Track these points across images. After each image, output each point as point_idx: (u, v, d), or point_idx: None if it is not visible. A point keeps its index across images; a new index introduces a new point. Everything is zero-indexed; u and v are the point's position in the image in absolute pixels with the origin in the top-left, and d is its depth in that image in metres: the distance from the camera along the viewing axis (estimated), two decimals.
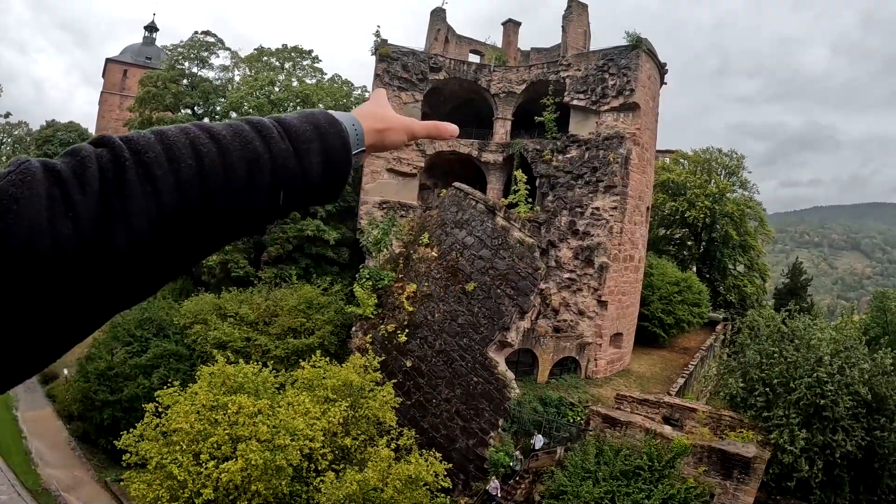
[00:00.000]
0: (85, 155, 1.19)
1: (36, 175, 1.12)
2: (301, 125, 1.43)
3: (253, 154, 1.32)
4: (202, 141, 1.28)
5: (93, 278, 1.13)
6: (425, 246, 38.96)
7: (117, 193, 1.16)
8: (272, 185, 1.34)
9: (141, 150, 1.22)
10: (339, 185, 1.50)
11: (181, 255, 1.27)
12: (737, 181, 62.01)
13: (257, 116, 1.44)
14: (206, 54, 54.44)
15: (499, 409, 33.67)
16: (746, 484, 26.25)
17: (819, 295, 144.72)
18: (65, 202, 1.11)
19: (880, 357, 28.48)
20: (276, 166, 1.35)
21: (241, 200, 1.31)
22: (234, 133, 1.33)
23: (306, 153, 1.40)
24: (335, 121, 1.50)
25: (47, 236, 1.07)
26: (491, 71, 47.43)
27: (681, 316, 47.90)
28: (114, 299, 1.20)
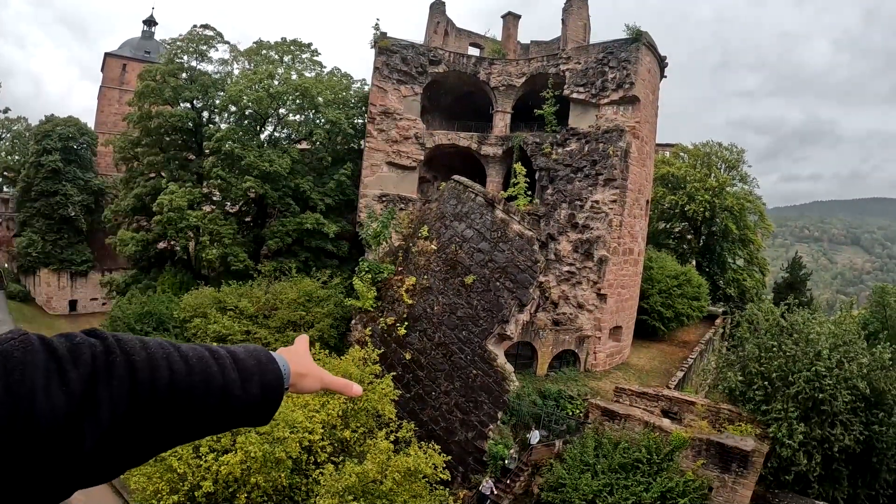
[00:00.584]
0: (80, 342, 1.38)
1: (35, 346, 1.29)
2: (247, 359, 1.69)
3: (210, 377, 1.56)
4: (174, 358, 1.51)
5: (73, 444, 1.27)
6: (424, 239, 38.96)
7: (105, 380, 1.35)
8: (220, 403, 1.57)
9: (128, 352, 1.43)
10: (272, 411, 1.74)
11: (144, 443, 1.46)
12: (736, 175, 61.99)
13: (216, 347, 1.69)
14: (205, 48, 54.22)
15: (498, 402, 33.74)
16: (745, 477, 26.34)
17: (818, 289, 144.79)
18: (60, 375, 1.27)
19: (879, 352, 28.52)
20: (227, 390, 1.59)
21: (195, 410, 1.52)
22: (199, 357, 1.57)
23: (250, 384, 1.65)
24: (273, 360, 1.78)
25: (45, 401, 1.22)
26: (490, 64, 47.34)
27: (680, 309, 47.94)
28: (85, 468, 1.34)
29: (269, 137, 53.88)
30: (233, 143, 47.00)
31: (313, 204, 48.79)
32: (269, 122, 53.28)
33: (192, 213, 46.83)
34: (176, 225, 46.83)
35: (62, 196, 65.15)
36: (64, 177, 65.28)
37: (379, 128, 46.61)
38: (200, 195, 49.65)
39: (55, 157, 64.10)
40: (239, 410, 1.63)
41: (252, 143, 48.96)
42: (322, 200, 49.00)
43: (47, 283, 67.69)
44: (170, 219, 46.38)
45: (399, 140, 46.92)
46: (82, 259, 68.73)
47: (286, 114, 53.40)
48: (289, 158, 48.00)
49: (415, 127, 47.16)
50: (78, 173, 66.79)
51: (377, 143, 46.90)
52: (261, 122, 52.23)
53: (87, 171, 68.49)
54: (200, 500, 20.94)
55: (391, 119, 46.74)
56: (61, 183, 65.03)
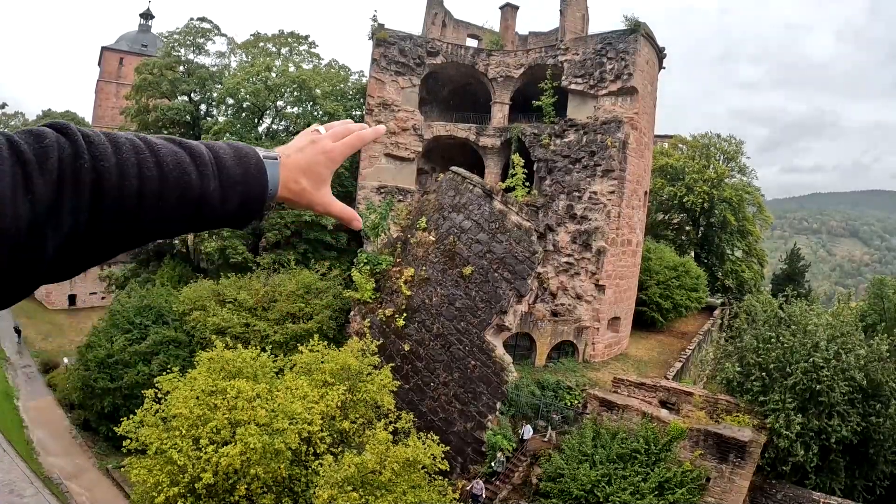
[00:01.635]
0: (48, 144, 1.29)
1: (3, 151, 1.22)
2: (233, 167, 1.56)
3: (186, 187, 1.45)
4: (148, 164, 1.40)
5: (34, 254, 1.24)
6: (423, 230, 38.96)
7: (71, 188, 1.29)
8: (193, 214, 1.49)
9: (98, 157, 1.34)
10: (248, 223, 1.65)
11: (105, 247, 1.40)
12: (735, 167, 61.94)
13: (200, 146, 1.55)
14: (202, 41, 54.15)
15: (496, 393, 33.81)
16: (742, 468, 26.45)
17: (817, 281, 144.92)
18: (25, 183, 1.21)
19: (876, 343, 28.61)
20: (202, 202, 1.48)
21: (164, 220, 1.45)
22: (176, 163, 1.45)
23: (230, 195, 1.54)
24: (263, 171, 1.62)
25: (9, 210, 1.17)
26: (489, 55, 47.26)
27: (678, 300, 48.00)
28: (43, 274, 1.31)
29: (267, 130, 53.86)
30: (231, 136, 46.96)
31: None
32: (267, 114, 53.22)
33: None
34: None
35: None
36: None
37: (377, 119, 46.54)
38: None
39: None
40: (211, 221, 1.55)
41: (250, 135, 48.98)
42: None
43: None
44: None
45: (397, 132, 46.87)
46: None
47: (284, 106, 53.32)
48: None
49: (413, 118, 47.11)
50: None
51: None
52: (259, 115, 52.18)
53: None
54: (200, 492, 21.01)
55: (389, 111, 46.67)
56: None
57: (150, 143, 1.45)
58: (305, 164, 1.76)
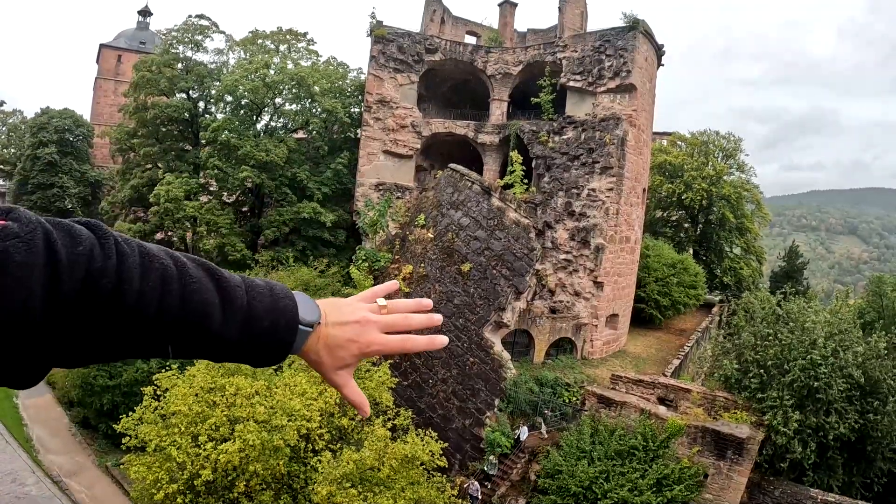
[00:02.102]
0: (82, 252, 1.29)
1: (39, 249, 1.22)
2: (261, 320, 1.52)
3: (204, 328, 1.44)
4: (171, 298, 1.39)
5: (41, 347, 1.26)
6: (421, 227, 39.00)
7: (89, 299, 1.29)
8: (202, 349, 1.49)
9: (123, 279, 1.33)
10: (261, 366, 1.63)
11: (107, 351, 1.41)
12: (734, 164, 61.94)
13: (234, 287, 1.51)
14: (201, 38, 54.02)
15: (495, 390, 33.86)
16: (740, 464, 26.52)
17: (815, 279, 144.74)
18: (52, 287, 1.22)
19: (874, 341, 28.69)
20: (216, 343, 1.48)
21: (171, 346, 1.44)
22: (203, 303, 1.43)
23: (249, 344, 1.52)
24: (293, 333, 1.57)
25: (34, 308, 1.19)
26: (487, 52, 47.23)
27: (677, 298, 48.01)
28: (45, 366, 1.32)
29: (265, 127, 53.79)
30: (229, 134, 46.94)
31: (310, 193, 48.70)
32: (266, 111, 53.15)
33: (188, 204, 46.81)
34: (173, 216, 46.82)
35: (59, 188, 65.00)
36: (60, 169, 65.10)
37: (375, 116, 46.54)
38: (197, 185, 49.58)
39: (51, 149, 63.95)
40: (219, 357, 1.54)
41: (248, 132, 48.90)
42: (319, 189, 48.91)
43: None
44: (167, 209, 46.36)
45: (396, 129, 46.86)
46: None
47: (282, 103, 53.26)
48: (285, 148, 47.94)
49: (411, 115, 47.10)
50: (74, 165, 66.60)
51: (374, 131, 46.84)
52: (257, 112, 52.12)
53: (83, 163, 68.31)
54: (200, 489, 21.05)
55: (388, 108, 46.67)
56: (58, 175, 64.86)
57: (184, 274, 1.44)
58: (334, 345, 1.68)
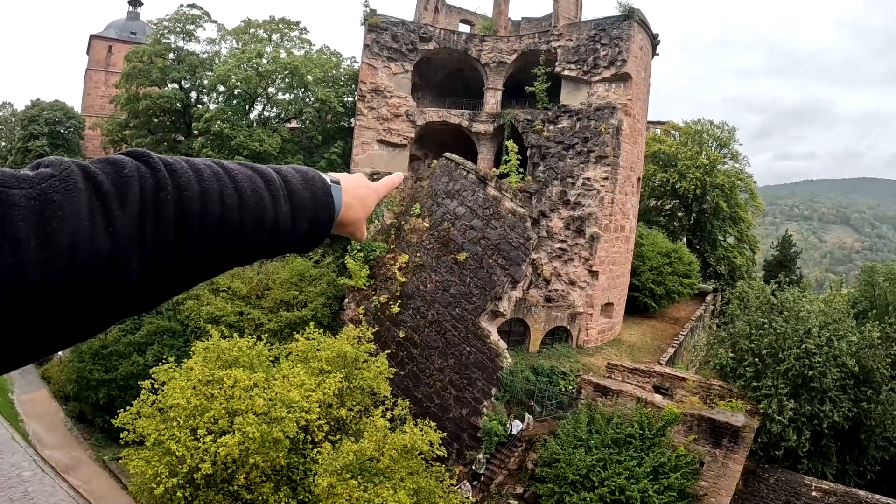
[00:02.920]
0: (128, 174, 1.23)
1: (78, 184, 1.15)
2: (302, 191, 1.58)
3: (262, 213, 1.45)
4: (229, 191, 1.39)
5: (115, 290, 1.18)
6: (417, 216, 38.96)
7: (153, 220, 1.23)
8: (267, 238, 1.48)
9: (181, 186, 1.30)
10: (313, 247, 1.68)
11: (187, 276, 1.37)
12: (728, 153, 62.02)
13: (270, 170, 1.55)
14: (192, 27, 53.62)
15: (491, 379, 33.96)
16: (735, 452, 26.71)
17: (808, 268, 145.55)
18: (105, 216, 1.15)
19: (868, 330, 28.91)
20: (275, 227, 1.49)
21: (242, 246, 1.44)
22: (253, 189, 1.45)
23: (300, 220, 1.56)
24: (329, 192, 1.66)
25: (88, 246, 1.11)
26: (481, 41, 47.06)
27: (671, 286, 48.16)
28: (127, 307, 1.27)
29: (258, 117, 53.50)
30: (222, 124, 46.65)
31: None
32: (259, 101, 52.86)
33: None
34: None
35: None
36: None
37: (369, 105, 46.37)
38: None
39: (42, 141, 63.37)
40: (282, 245, 1.55)
41: (241, 122, 48.63)
42: None
43: None
44: None
45: (389, 118, 46.69)
46: None
47: (275, 93, 52.98)
48: (279, 138, 47.74)
49: (405, 104, 46.94)
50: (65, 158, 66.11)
51: (367, 121, 46.66)
52: (250, 102, 51.84)
53: (74, 156, 67.64)
54: (199, 482, 21.07)
55: (381, 97, 46.49)
56: None
57: (227, 168, 1.45)
58: (361, 195, 1.85)
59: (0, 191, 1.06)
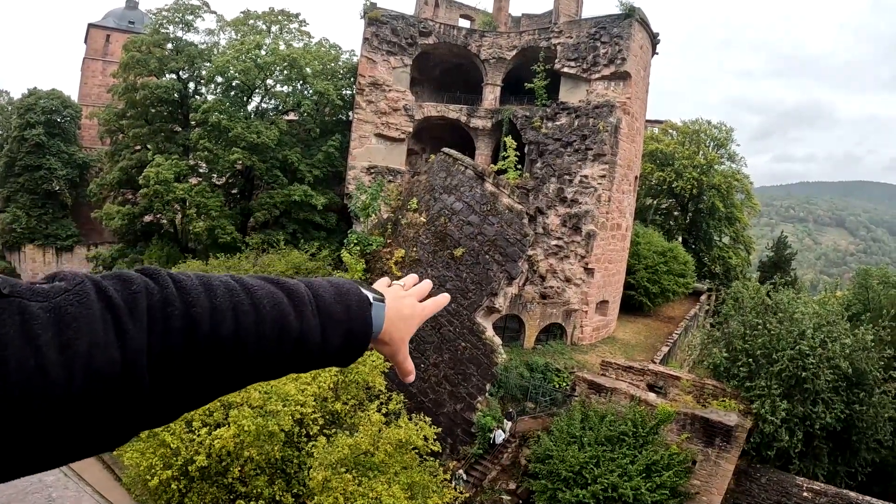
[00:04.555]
0: (136, 290, 1.28)
1: (92, 297, 1.20)
2: (333, 305, 1.55)
3: (284, 326, 1.44)
4: (243, 307, 1.39)
5: (128, 397, 1.21)
6: (413, 211, 38.93)
7: (161, 333, 1.27)
8: (293, 353, 1.47)
9: (190, 303, 1.33)
10: (352, 360, 1.62)
11: (206, 388, 1.38)
12: (725, 154, 62.20)
13: (298, 284, 1.55)
14: (191, 17, 53.27)
15: (486, 374, 34.02)
16: (728, 452, 26.81)
17: (802, 269, 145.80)
18: (116, 329, 1.20)
19: (861, 333, 29.04)
20: (303, 341, 1.47)
21: (264, 361, 1.43)
22: (273, 304, 1.44)
23: (332, 333, 1.53)
24: (367, 305, 1.62)
25: (103, 354, 1.16)
26: (481, 36, 47.00)
27: (666, 285, 48.31)
28: (141, 418, 1.28)
29: (256, 109, 53.33)
30: (219, 115, 46.44)
31: (301, 176, 48.43)
32: (257, 93, 52.63)
33: (178, 186, 46.38)
34: (162, 198, 46.40)
35: (46, 170, 64.23)
36: (48, 151, 64.25)
37: (367, 99, 46.29)
38: (187, 167, 49.14)
39: (38, 130, 63.04)
40: (314, 359, 1.53)
41: (239, 114, 48.45)
42: (310, 172, 48.64)
43: (33, 258, 66.85)
44: (156, 192, 45.92)
45: (388, 112, 46.63)
46: (68, 234, 67.90)
47: (274, 85, 52.75)
48: (276, 130, 47.58)
49: (404, 99, 46.88)
50: (62, 147, 65.73)
51: (366, 114, 46.60)
52: (248, 94, 51.65)
53: (71, 145, 67.46)
54: (194, 475, 21.06)
55: (380, 90, 46.42)
56: (45, 157, 64.01)
57: (245, 283, 1.46)
58: (405, 315, 1.78)
59: (20, 303, 1.11)
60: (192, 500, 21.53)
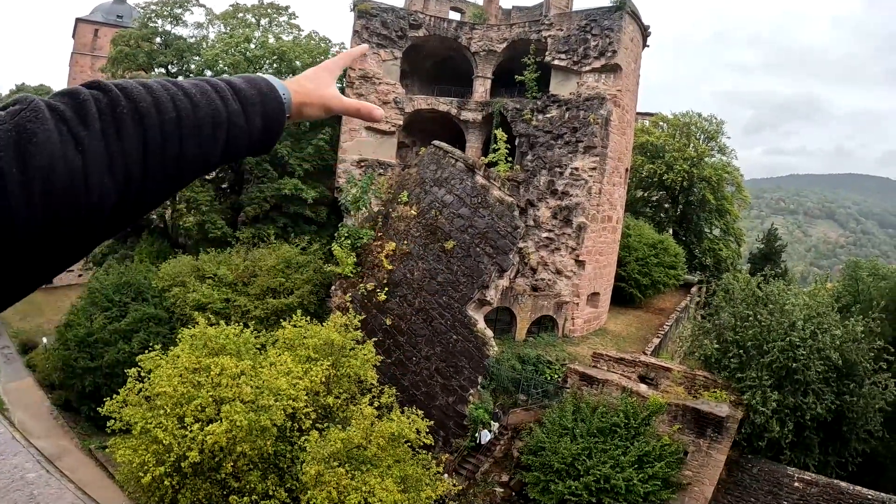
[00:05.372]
0: (84, 98, 1.35)
1: (45, 112, 1.27)
2: (248, 89, 1.68)
3: (215, 111, 1.56)
4: (179, 97, 1.49)
5: (93, 207, 1.29)
6: (404, 204, 38.82)
7: (115, 134, 1.35)
8: (227, 137, 1.59)
9: (136, 99, 1.41)
10: (273, 141, 1.77)
11: (158, 188, 1.46)
12: (715, 146, 62.31)
13: (213, 78, 1.67)
14: (180, 11, 52.97)
15: (478, 367, 34.04)
16: (719, 442, 26.97)
17: (792, 262, 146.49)
18: (72, 138, 1.27)
19: (851, 324, 29.24)
20: (231, 123, 1.59)
21: (204, 148, 1.54)
22: (202, 92, 1.55)
23: (252, 114, 1.65)
24: (274, 87, 1.76)
25: (62, 166, 1.23)
26: (472, 29, 46.85)
27: (657, 277, 48.44)
28: (105, 226, 1.37)
29: None
30: None
31: (291, 169, 48.29)
32: None
33: None
34: None
35: None
36: None
37: (358, 92, 46.09)
38: None
39: None
40: (243, 143, 1.65)
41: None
42: (300, 166, 48.50)
43: None
44: None
45: (378, 105, 46.27)
46: None
47: None
48: None
49: (394, 91, 46.73)
50: None
51: None
52: None
53: None
54: (187, 471, 21.02)
55: (370, 83, 46.24)
56: None
57: (174, 81, 1.55)
58: (308, 75, 1.98)
59: None
60: (185, 496, 21.51)
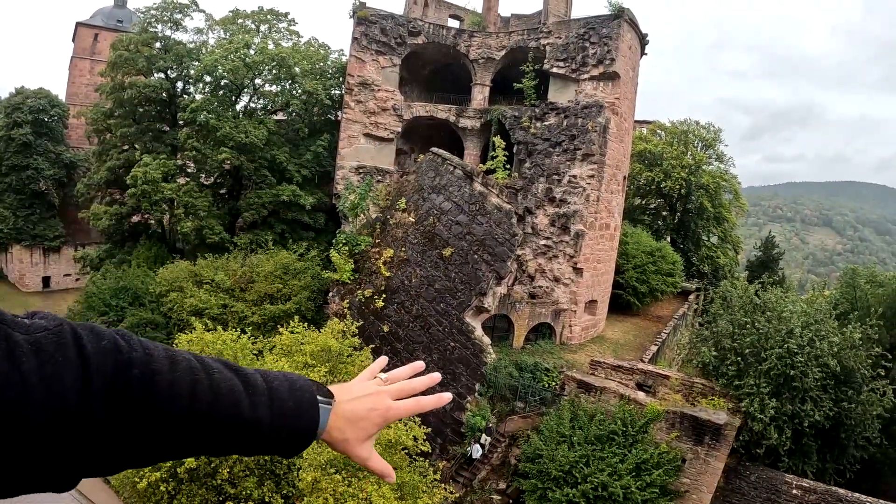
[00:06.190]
0: (107, 345, 1.38)
1: (69, 341, 1.32)
2: (287, 400, 1.63)
3: (237, 413, 1.52)
4: (201, 388, 1.48)
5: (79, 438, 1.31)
6: (402, 211, 38.86)
7: (119, 393, 1.37)
8: (241, 438, 1.56)
9: (154, 371, 1.43)
10: (297, 452, 1.69)
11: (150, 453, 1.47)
12: (713, 154, 62.45)
13: (255, 374, 1.64)
14: (180, 16, 53.04)
15: (475, 374, 34.00)
16: (717, 450, 26.90)
17: (790, 269, 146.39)
18: (84, 378, 1.30)
19: (849, 331, 29.22)
20: (252, 429, 1.55)
21: (211, 439, 1.52)
22: (230, 389, 1.53)
23: (280, 427, 1.60)
24: (316, 408, 1.68)
25: (73, 395, 1.28)
26: (470, 36, 46.96)
27: (654, 285, 48.42)
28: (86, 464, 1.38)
29: (244, 108, 53.12)
30: (208, 114, 46.27)
31: (290, 175, 48.31)
32: (245, 92, 52.45)
33: (166, 186, 46.19)
34: (150, 198, 46.17)
35: (33, 170, 63.90)
36: (35, 150, 63.95)
37: (356, 99, 46.19)
38: (175, 167, 48.91)
39: (26, 130, 62.72)
40: (258, 447, 1.61)
41: (227, 113, 48.26)
42: (298, 172, 48.54)
43: (20, 259, 66.47)
44: (144, 191, 45.68)
45: (377, 111, 46.54)
46: (55, 234, 67.57)
47: (262, 84, 52.59)
48: (265, 129, 47.43)
49: (393, 98, 46.81)
50: (49, 146, 65.45)
51: (354, 114, 46.50)
52: (236, 93, 51.45)
53: (58, 144, 67.16)
54: (183, 476, 20.90)
55: (369, 90, 46.32)
56: (32, 157, 63.74)
57: (206, 365, 1.55)
58: (356, 418, 1.80)
59: (8, 331, 1.24)
60: (181, 502, 21.38)
